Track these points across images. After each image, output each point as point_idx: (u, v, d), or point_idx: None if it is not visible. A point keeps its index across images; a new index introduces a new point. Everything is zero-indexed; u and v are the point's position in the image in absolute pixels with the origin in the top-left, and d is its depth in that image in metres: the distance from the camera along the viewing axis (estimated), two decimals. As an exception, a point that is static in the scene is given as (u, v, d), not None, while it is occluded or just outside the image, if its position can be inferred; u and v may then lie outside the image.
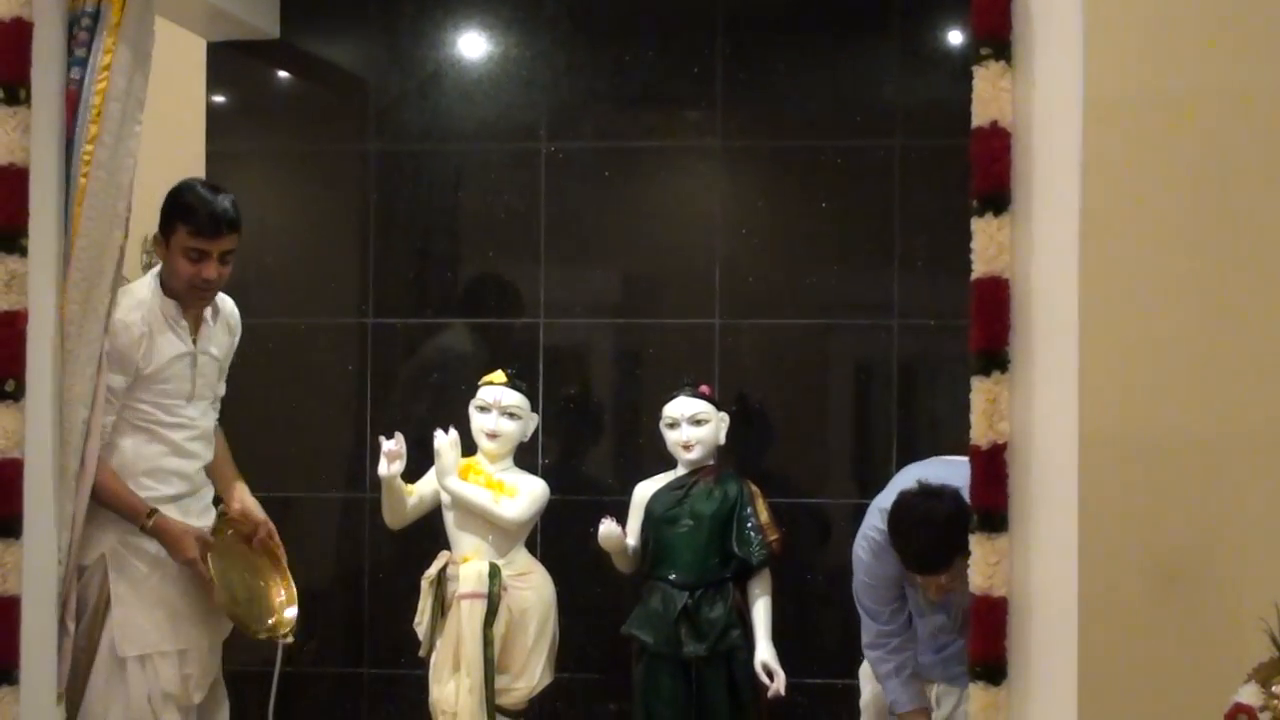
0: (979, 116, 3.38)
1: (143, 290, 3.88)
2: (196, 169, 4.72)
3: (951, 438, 4.00)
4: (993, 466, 3.33)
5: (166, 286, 3.87)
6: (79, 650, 3.81)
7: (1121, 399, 4.93)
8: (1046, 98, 3.38)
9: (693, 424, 4.34)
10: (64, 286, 3.75)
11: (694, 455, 4.34)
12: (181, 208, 3.89)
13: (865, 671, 4.24)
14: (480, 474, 4.38)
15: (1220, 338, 5.14)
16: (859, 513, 4.18)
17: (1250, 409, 5.08)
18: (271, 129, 4.98)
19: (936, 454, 4.18)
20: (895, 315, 4.67)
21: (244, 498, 4.10)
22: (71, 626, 3.76)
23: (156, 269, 3.95)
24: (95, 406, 3.78)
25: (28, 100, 3.63)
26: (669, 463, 4.44)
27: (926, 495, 3.84)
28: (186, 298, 3.89)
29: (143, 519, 3.84)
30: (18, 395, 3.55)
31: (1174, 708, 4.38)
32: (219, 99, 4.90)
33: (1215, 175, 5.15)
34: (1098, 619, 3.73)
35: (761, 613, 4.35)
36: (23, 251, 3.57)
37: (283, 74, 4.97)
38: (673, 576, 4.30)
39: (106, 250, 3.76)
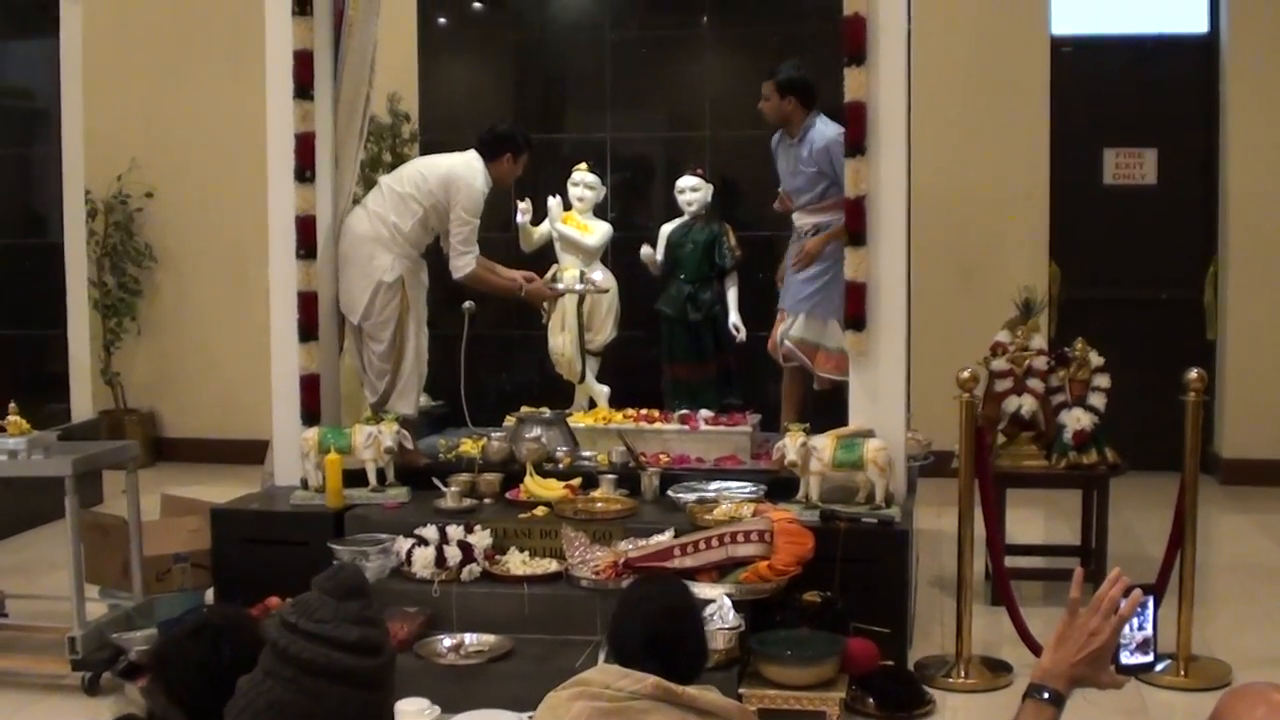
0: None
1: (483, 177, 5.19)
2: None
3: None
4: (858, 209, 4.60)
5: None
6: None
7: (936, 168, 6.52)
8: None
9: (693, 191, 6.08)
10: (337, 108, 5.18)
11: (694, 209, 6.07)
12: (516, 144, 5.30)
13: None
14: (573, 221, 6.07)
15: (991, 130, 6.87)
16: (786, 237, 5.71)
17: (1009, 172, 6.87)
18: None
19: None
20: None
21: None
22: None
23: (479, 165, 5.20)
24: (354, 180, 5.28)
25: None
26: (681, 213, 6.14)
27: None
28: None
29: (519, 288, 5.41)
30: (312, 179, 5.08)
31: (965, 344, 5.53)
32: None
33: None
34: (921, 296, 5.38)
35: (732, 296, 6.03)
36: (310, 97, 5.07)
37: None
38: (682, 276, 6.02)
39: (362, 77, 5.32)
